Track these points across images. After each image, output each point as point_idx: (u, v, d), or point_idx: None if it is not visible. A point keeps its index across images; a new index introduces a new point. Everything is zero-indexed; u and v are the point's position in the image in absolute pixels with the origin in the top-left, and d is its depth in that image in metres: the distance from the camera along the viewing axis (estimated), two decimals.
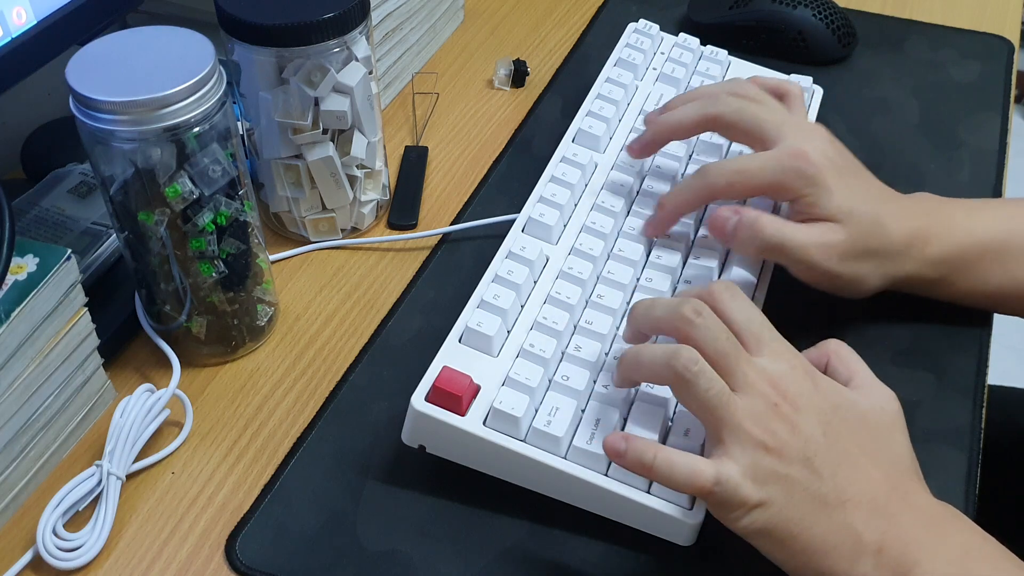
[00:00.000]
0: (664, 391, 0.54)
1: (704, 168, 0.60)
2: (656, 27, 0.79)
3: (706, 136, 0.70)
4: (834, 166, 0.59)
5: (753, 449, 0.47)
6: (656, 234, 0.63)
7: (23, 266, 0.53)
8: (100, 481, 0.54)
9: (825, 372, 0.52)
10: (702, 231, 0.64)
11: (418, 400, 0.53)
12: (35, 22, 0.58)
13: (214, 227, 0.57)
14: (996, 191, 0.74)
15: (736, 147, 0.70)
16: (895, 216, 0.60)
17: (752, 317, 0.50)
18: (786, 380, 0.48)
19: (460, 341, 0.56)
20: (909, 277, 0.61)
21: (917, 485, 0.49)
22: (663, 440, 0.52)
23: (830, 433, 0.48)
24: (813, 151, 0.58)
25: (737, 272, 0.61)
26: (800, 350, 0.52)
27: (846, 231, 0.58)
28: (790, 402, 0.48)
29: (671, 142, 0.65)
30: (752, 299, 0.60)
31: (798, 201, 0.58)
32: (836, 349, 0.53)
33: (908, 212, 0.61)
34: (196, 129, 0.53)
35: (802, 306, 0.62)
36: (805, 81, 0.76)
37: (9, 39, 0.57)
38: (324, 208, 0.69)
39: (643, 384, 0.54)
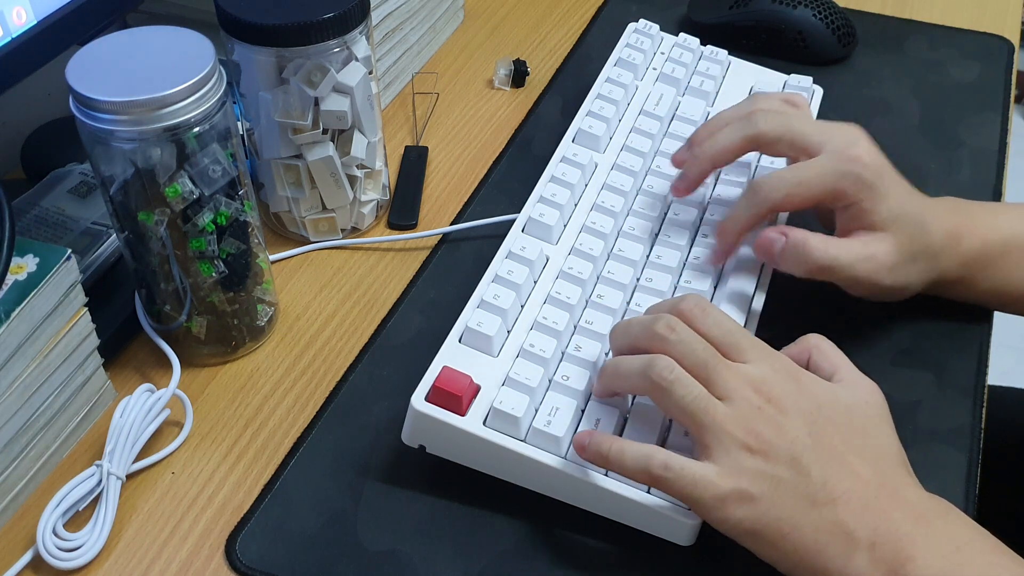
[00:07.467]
0: None
1: (757, 184, 0.58)
2: (656, 27, 0.79)
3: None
4: (885, 168, 0.59)
5: (737, 451, 0.47)
6: (722, 261, 0.62)
7: (23, 266, 0.53)
8: (100, 481, 0.54)
9: (807, 367, 0.52)
10: (703, 231, 0.64)
11: (418, 400, 0.53)
12: (35, 22, 0.58)
13: (214, 227, 0.57)
14: (996, 191, 0.74)
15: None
16: (934, 216, 0.60)
17: (728, 327, 0.51)
18: (768, 383, 0.49)
19: (460, 341, 0.56)
20: (940, 277, 0.61)
21: (907, 479, 0.49)
22: (663, 442, 0.52)
23: (816, 432, 0.48)
24: (865, 154, 0.58)
25: (737, 272, 0.61)
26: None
27: (893, 239, 0.58)
28: (774, 404, 0.48)
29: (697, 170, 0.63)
30: (751, 301, 0.60)
31: (852, 207, 0.58)
32: (817, 344, 0.53)
33: (942, 211, 0.61)
34: (196, 129, 0.53)
35: (801, 307, 0.62)
36: (805, 81, 0.76)
37: (9, 39, 0.57)
38: (324, 208, 0.69)
39: None
